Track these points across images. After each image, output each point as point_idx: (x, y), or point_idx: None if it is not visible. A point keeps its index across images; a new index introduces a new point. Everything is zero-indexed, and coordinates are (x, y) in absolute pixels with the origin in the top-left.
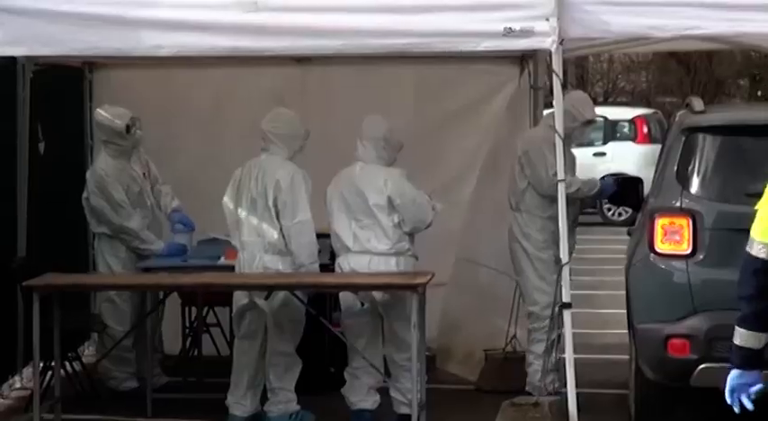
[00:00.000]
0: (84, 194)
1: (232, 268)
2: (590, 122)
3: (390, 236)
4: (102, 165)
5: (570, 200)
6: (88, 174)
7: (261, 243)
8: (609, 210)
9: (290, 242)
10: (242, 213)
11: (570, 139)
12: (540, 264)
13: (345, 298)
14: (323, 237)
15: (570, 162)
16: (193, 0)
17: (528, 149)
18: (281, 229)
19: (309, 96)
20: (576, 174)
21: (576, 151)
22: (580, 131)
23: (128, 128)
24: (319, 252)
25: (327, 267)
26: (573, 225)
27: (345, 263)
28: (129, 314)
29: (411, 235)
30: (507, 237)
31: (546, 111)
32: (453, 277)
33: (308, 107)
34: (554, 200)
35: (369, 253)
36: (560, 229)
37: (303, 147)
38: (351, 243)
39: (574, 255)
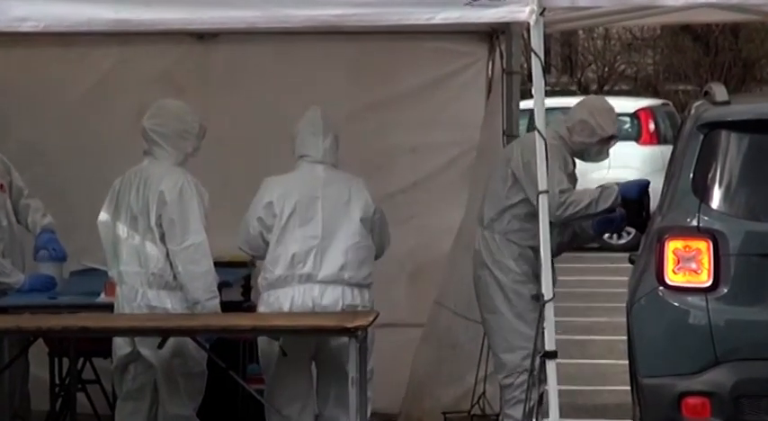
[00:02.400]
0: None
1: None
2: (611, 139)
3: (371, 261)
4: None
5: (562, 223)
6: None
7: (143, 274)
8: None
9: (180, 272)
10: (121, 235)
11: (583, 157)
12: (519, 300)
13: (264, 345)
14: (231, 266)
15: (571, 177)
16: None
17: (530, 161)
18: (167, 255)
19: (214, 82)
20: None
21: None
22: (598, 149)
23: None
24: (228, 286)
25: (240, 305)
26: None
27: (306, 295)
28: None
29: None
30: (472, 262)
31: (523, 103)
32: (428, 326)
33: (212, 96)
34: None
35: (341, 283)
36: (542, 255)
37: (197, 148)
38: (317, 270)
39: (559, 289)
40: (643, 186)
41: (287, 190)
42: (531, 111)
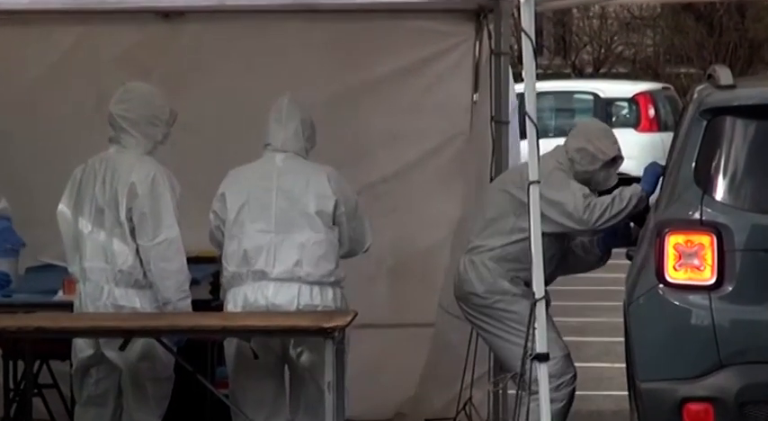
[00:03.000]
0: None
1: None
2: (615, 161)
3: (332, 257)
4: None
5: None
6: None
7: (109, 271)
8: None
9: (151, 269)
10: (84, 229)
11: (590, 185)
12: (512, 316)
13: (234, 347)
14: (198, 261)
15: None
16: None
17: (540, 186)
18: (137, 252)
19: (181, 64)
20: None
21: (543, 143)
22: (604, 174)
23: None
24: (196, 283)
25: (209, 304)
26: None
27: (259, 294)
28: None
29: None
30: (455, 282)
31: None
32: (435, 332)
33: (179, 79)
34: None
35: (298, 281)
36: (532, 250)
37: (167, 135)
38: (271, 267)
39: (551, 287)
40: (658, 174)
41: (240, 181)
42: (521, 96)
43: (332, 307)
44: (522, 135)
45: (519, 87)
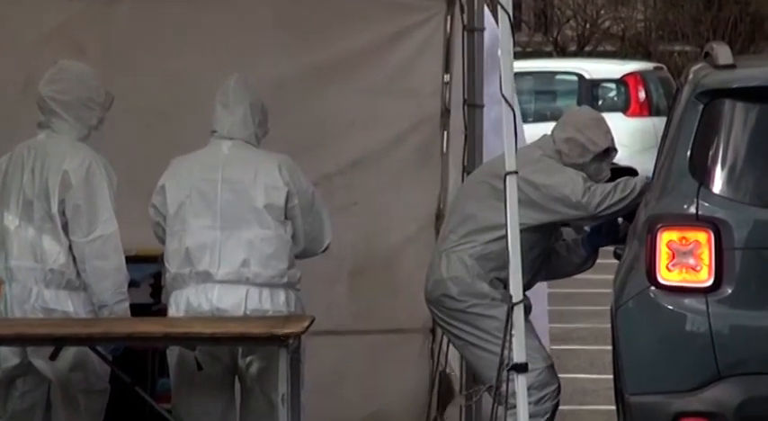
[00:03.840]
0: None
1: None
2: (607, 152)
3: (285, 256)
4: None
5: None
6: None
7: (38, 270)
8: None
9: (85, 269)
10: (10, 224)
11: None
12: (489, 322)
13: (176, 356)
14: (138, 261)
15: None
16: None
17: (527, 173)
18: (70, 249)
19: (119, 42)
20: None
21: (529, 128)
22: (596, 167)
23: None
24: (135, 285)
25: (149, 308)
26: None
27: (203, 297)
28: None
29: None
30: (426, 282)
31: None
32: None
33: (116, 58)
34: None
35: (246, 283)
36: (509, 247)
37: (102, 120)
38: (215, 268)
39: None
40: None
41: (183, 172)
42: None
43: (284, 312)
44: None
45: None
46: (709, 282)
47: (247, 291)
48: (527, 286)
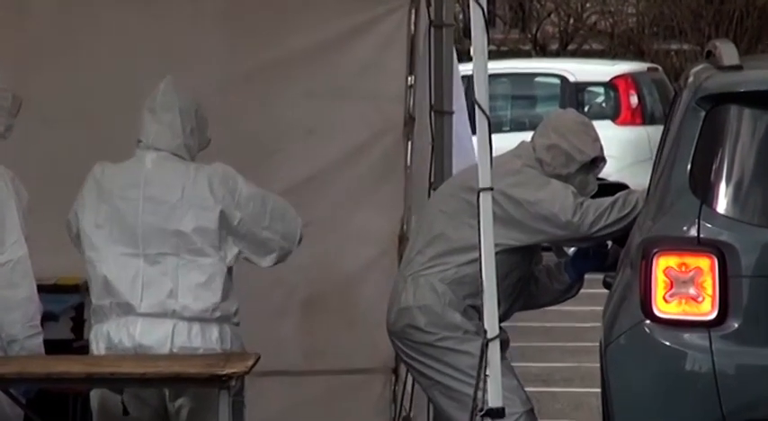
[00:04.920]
0: None
1: None
2: (595, 163)
3: (218, 286)
4: None
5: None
6: None
7: None
8: None
9: None
10: None
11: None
12: (462, 358)
13: (100, 399)
14: (57, 291)
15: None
16: None
17: (506, 187)
18: None
19: (36, 40)
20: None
21: (497, 138)
22: (581, 179)
23: None
24: (53, 318)
25: (70, 345)
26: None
27: (124, 332)
28: None
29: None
30: (389, 311)
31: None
32: None
33: (31, 58)
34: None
35: (172, 316)
36: (483, 273)
37: (11, 127)
38: (137, 299)
39: (508, 323)
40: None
41: (101, 188)
42: (468, 79)
43: (216, 349)
44: (471, 129)
45: (466, 68)
46: (713, 315)
47: (174, 325)
48: (504, 317)
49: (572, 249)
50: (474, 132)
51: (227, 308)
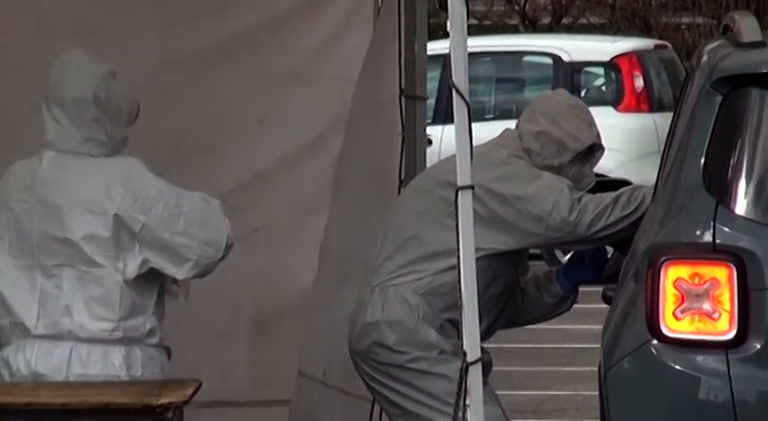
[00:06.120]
0: None
1: None
2: (592, 151)
3: (116, 301)
4: None
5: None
6: None
7: None
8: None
9: None
10: None
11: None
12: (437, 383)
13: None
14: None
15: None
16: None
17: (490, 181)
18: None
19: None
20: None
21: (479, 128)
22: (576, 171)
23: None
24: None
25: None
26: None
27: (21, 357)
28: None
29: (160, 298)
30: (352, 327)
31: (432, 45)
32: (292, 409)
33: None
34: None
35: (68, 338)
36: (462, 285)
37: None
38: (33, 318)
39: (491, 344)
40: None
41: (4, 189)
42: (444, 59)
43: (121, 377)
44: (448, 117)
45: (442, 46)
46: (731, 335)
47: (71, 348)
48: (486, 334)
49: (566, 257)
50: (451, 121)
51: (133, 326)
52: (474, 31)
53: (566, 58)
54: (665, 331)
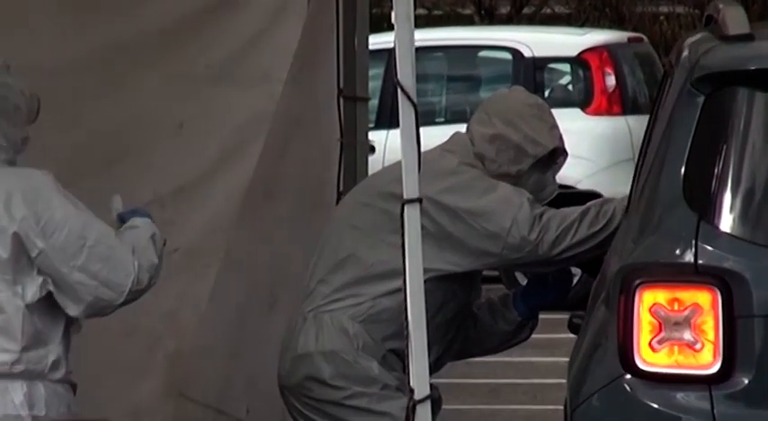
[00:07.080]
0: None
1: None
2: (554, 156)
3: (17, 330)
4: None
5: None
6: None
7: None
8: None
9: None
10: None
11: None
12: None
13: None
14: None
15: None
16: None
17: (438, 193)
18: None
19: None
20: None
21: (428, 132)
22: (536, 179)
23: None
24: None
25: None
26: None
27: None
28: None
29: (68, 328)
30: (288, 360)
31: (375, 38)
32: None
33: None
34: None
35: None
36: (409, 314)
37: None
38: None
39: (443, 380)
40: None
41: None
42: (389, 54)
43: (22, 416)
44: (392, 121)
45: (386, 40)
46: (715, 368)
47: None
48: (435, 367)
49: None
50: (396, 124)
51: (36, 359)
52: (423, 22)
53: (527, 54)
54: (639, 364)
